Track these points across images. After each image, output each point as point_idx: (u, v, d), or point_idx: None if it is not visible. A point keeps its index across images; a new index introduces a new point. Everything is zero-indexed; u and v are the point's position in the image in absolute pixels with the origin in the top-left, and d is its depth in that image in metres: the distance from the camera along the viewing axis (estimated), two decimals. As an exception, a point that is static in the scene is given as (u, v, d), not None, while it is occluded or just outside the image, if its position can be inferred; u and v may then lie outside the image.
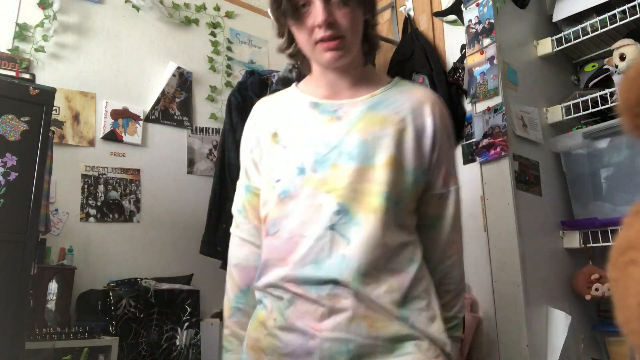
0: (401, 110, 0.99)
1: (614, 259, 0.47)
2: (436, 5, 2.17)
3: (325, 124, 0.98)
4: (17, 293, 1.40)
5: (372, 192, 0.91)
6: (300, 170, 0.95)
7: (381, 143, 0.94)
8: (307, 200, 0.93)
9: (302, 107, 1.03)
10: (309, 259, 0.89)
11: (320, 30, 0.93)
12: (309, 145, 0.97)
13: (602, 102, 1.64)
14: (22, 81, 1.57)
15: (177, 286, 2.25)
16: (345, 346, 0.86)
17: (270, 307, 0.94)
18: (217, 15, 2.94)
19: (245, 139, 1.10)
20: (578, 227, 1.67)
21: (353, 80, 1.03)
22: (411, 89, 1.05)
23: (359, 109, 0.99)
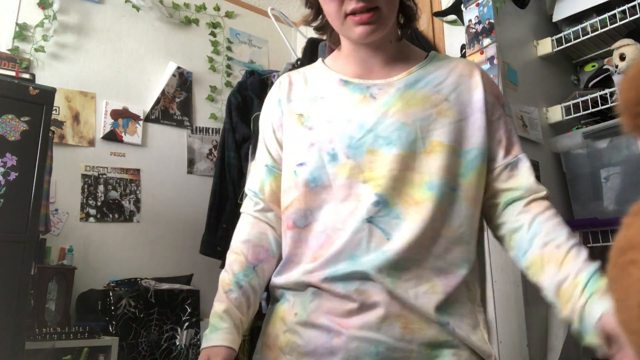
0: (443, 87, 0.89)
1: (614, 259, 0.47)
2: (436, 5, 2.17)
3: (358, 104, 0.87)
4: (17, 293, 1.40)
5: (414, 183, 0.82)
6: (332, 156, 0.84)
7: (423, 126, 0.84)
8: (343, 190, 0.83)
9: (330, 85, 0.92)
10: (344, 255, 0.80)
11: (352, 1, 0.82)
12: (340, 127, 0.86)
13: (602, 102, 1.64)
14: (22, 81, 1.57)
15: (177, 286, 2.25)
16: (375, 347, 0.76)
17: (293, 300, 0.85)
18: (217, 15, 2.94)
19: (268, 115, 0.98)
20: (578, 227, 1.67)
21: (387, 57, 0.92)
22: (450, 61, 0.94)
23: (395, 88, 0.88)
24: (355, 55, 0.92)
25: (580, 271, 0.76)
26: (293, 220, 0.87)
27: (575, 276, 0.76)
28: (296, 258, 0.86)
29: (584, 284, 0.74)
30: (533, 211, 0.85)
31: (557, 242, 0.81)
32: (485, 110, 0.88)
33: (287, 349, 0.82)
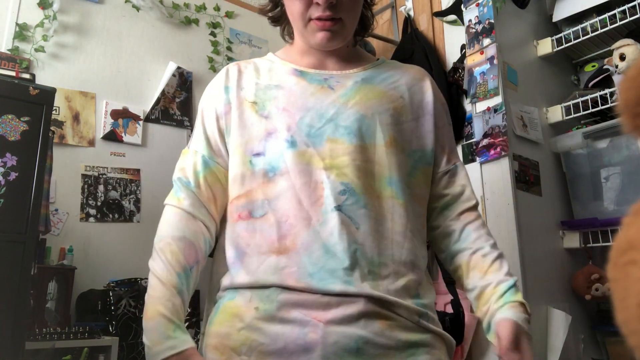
0: (398, 86, 0.91)
1: (613, 259, 0.47)
2: (436, 5, 2.17)
3: (316, 93, 0.87)
4: (17, 293, 1.39)
5: (375, 175, 0.83)
6: (290, 143, 0.82)
7: (382, 119, 0.85)
8: (301, 176, 0.80)
9: (284, 74, 0.91)
10: (317, 246, 0.77)
11: (319, 8, 0.83)
12: (298, 115, 0.84)
13: (602, 102, 1.64)
14: (22, 81, 1.57)
15: (177, 286, 2.25)
16: (355, 343, 0.73)
17: (251, 295, 0.78)
18: (217, 15, 2.94)
19: (212, 102, 0.95)
20: (578, 227, 1.67)
21: (341, 58, 0.94)
22: (402, 66, 0.98)
23: (353, 80, 0.89)
24: (311, 52, 0.93)
25: (501, 283, 0.84)
26: (249, 210, 0.83)
27: (495, 285, 0.84)
28: (248, 249, 0.82)
29: (500, 294, 0.83)
30: (464, 220, 0.91)
31: (484, 252, 0.87)
32: (434, 114, 0.92)
33: (243, 349, 0.75)
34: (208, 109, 0.96)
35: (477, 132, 1.75)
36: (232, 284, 0.82)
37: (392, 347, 0.75)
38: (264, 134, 0.85)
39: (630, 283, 0.43)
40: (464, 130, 1.92)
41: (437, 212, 0.93)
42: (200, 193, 0.89)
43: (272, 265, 0.78)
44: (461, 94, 1.95)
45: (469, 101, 1.81)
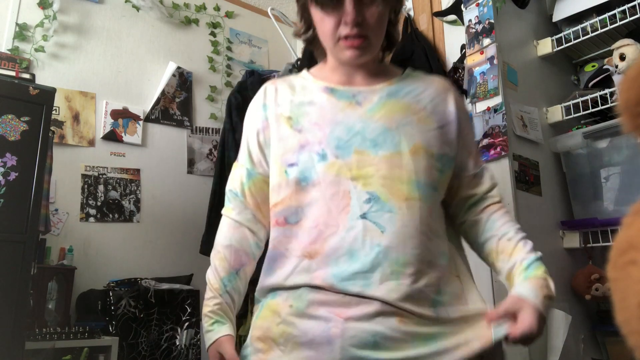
0: (421, 98, 0.99)
1: (614, 259, 0.47)
2: (436, 5, 2.17)
3: (345, 109, 0.96)
4: (17, 293, 1.39)
5: (402, 179, 0.89)
6: (321, 156, 0.91)
7: (406, 131, 0.93)
8: (331, 187, 0.89)
9: (316, 92, 1.00)
10: (342, 251, 0.85)
11: (347, 27, 0.91)
12: (329, 129, 0.93)
13: (602, 102, 1.64)
14: (22, 81, 1.57)
15: (177, 286, 2.25)
16: (372, 337, 0.81)
17: (287, 294, 0.90)
18: (217, 15, 2.94)
19: (252, 119, 1.04)
20: (578, 227, 1.67)
21: (369, 73, 1.01)
22: (426, 77, 1.05)
23: (378, 96, 0.97)
24: (341, 68, 1.01)
25: (524, 259, 0.92)
26: (284, 217, 0.93)
27: (520, 263, 0.92)
28: (287, 252, 0.92)
29: (524, 268, 0.91)
30: (489, 211, 1.01)
31: (509, 236, 0.96)
32: (458, 123, 1.00)
33: (281, 340, 0.87)
34: (250, 126, 1.05)
35: (477, 132, 1.75)
36: (271, 285, 0.93)
37: (408, 340, 0.82)
38: (298, 147, 0.94)
39: (630, 283, 0.43)
40: (464, 130, 1.92)
41: (466, 209, 1.02)
42: (246, 202, 1.03)
43: (304, 267, 0.89)
44: (461, 94, 1.95)
45: (469, 101, 1.81)
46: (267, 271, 0.95)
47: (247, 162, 1.03)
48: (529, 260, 0.91)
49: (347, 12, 0.90)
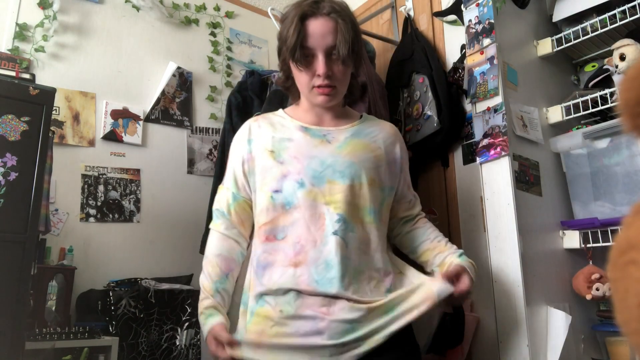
0: (377, 139, 1.26)
1: (614, 259, 0.47)
2: (436, 5, 2.17)
3: (318, 145, 1.19)
4: (17, 293, 1.39)
5: (360, 207, 1.15)
6: (300, 184, 1.13)
7: (365, 165, 1.18)
8: (309, 210, 1.12)
9: (293, 130, 1.23)
10: (321, 261, 1.09)
11: (319, 79, 1.16)
12: (306, 162, 1.15)
13: (602, 102, 1.64)
14: (22, 81, 1.57)
15: (177, 286, 2.25)
16: (350, 324, 1.06)
17: (274, 302, 1.10)
18: (217, 15, 2.94)
19: (239, 151, 1.25)
20: (578, 227, 1.67)
21: (335, 114, 1.27)
22: (379, 123, 1.34)
23: (344, 136, 1.23)
24: (313, 110, 1.27)
25: (455, 252, 1.27)
26: (273, 234, 1.15)
27: (453, 254, 1.26)
28: (275, 263, 1.13)
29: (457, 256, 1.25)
30: (420, 223, 1.36)
31: (439, 239, 1.32)
32: (401, 161, 1.31)
33: (276, 337, 1.08)
34: (235, 156, 1.27)
35: (477, 132, 1.75)
36: (261, 290, 1.12)
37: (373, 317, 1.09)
38: (281, 176, 1.16)
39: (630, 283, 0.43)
40: (464, 130, 1.92)
41: (401, 224, 1.35)
42: (232, 219, 1.26)
43: (290, 274, 1.10)
44: (461, 94, 1.95)
45: (469, 101, 1.81)
46: (257, 277, 1.14)
47: (233, 186, 1.25)
48: (459, 253, 1.26)
49: (319, 67, 1.15)
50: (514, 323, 1.54)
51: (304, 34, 1.15)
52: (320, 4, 1.17)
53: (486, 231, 1.69)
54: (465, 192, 1.87)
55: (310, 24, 1.16)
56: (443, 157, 2.00)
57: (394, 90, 2.14)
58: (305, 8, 1.17)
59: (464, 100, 1.93)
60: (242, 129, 1.29)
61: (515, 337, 1.54)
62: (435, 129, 1.90)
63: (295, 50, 1.14)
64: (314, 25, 1.16)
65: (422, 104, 2.00)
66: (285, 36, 1.17)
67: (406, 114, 2.09)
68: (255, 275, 1.16)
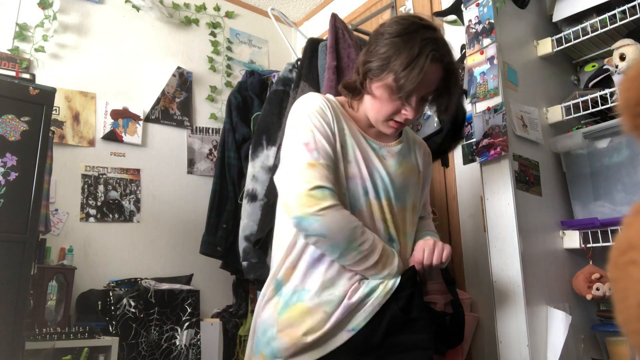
0: (417, 161, 1.25)
1: (614, 259, 0.47)
2: (436, 5, 2.17)
3: (376, 158, 1.15)
4: (17, 293, 1.39)
5: (403, 231, 1.16)
6: (365, 192, 1.11)
7: (410, 190, 1.19)
8: (370, 219, 1.10)
9: (355, 133, 1.16)
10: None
11: (402, 117, 1.11)
12: (368, 172, 1.12)
13: (602, 102, 1.64)
14: (22, 81, 1.57)
15: (177, 286, 2.25)
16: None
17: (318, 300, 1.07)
18: (217, 15, 2.94)
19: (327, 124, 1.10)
20: (578, 227, 1.67)
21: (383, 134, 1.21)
22: (415, 140, 1.30)
23: (394, 153, 1.19)
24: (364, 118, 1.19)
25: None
26: None
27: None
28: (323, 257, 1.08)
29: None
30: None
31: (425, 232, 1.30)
32: (427, 180, 1.31)
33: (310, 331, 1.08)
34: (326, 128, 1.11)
35: (477, 132, 1.75)
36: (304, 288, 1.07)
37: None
38: (348, 175, 1.10)
39: (630, 283, 0.43)
40: (464, 130, 1.92)
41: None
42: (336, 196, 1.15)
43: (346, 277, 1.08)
44: (461, 94, 1.95)
45: (469, 101, 1.81)
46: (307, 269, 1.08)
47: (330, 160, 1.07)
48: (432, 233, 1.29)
49: (409, 111, 1.09)
50: (514, 323, 1.54)
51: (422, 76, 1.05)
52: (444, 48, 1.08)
53: (486, 231, 1.69)
54: (465, 192, 1.87)
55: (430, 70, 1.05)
56: (443, 157, 2.00)
57: (394, 90, 2.14)
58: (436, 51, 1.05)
59: (464, 100, 1.93)
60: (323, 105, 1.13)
61: (515, 337, 1.54)
62: (435, 129, 1.90)
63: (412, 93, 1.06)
64: (431, 70, 1.05)
65: (422, 104, 2.00)
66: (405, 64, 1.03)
67: (406, 114, 2.09)
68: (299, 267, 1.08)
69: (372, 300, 1.06)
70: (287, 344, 1.03)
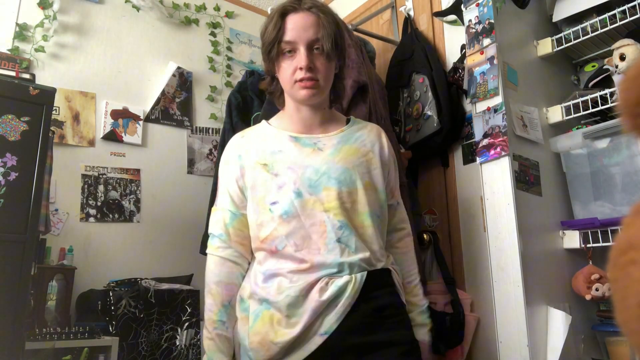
0: (366, 143, 1.25)
1: (614, 259, 0.47)
2: (436, 5, 2.17)
3: (310, 154, 1.17)
4: (17, 293, 1.39)
5: (358, 211, 1.15)
6: (297, 193, 1.12)
7: (359, 170, 1.18)
8: (309, 218, 1.11)
9: (283, 141, 1.20)
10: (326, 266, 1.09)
11: (301, 72, 1.13)
12: (300, 172, 1.14)
13: (602, 102, 1.64)
14: (22, 81, 1.57)
15: (177, 286, 2.25)
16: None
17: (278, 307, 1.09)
18: (217, 15, 2.94)
19: (229, 170, 1.22)
20: (578, 227, 1.67)
21: (322, 119, 1.24)
22: (365, 125, 1.31)
23: (334, 142, 1.21)
24: (298, 114, 1.23)
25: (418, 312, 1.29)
26: (275, 246, 1.13)
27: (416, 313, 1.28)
28: (280, 272, 1.11)
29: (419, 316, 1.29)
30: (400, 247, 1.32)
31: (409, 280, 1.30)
32: (389, 163, 1.28)
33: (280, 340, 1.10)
34: (227, 174, 1.24)
35: (477, 132, 1.75)
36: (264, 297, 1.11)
37: None
38: (276, 188, 1.14)
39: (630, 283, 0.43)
40: (464, 130, 1.92)
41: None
42: (230, 241, 1.20)
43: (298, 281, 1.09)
44: (461, 94, 1.95)
45: (469, 101, 1.81)
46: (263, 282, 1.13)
47: (231, 205, 1.21)
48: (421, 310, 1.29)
49: (301, 60, 1.13)
50: (514, 323, 1.54)
51: (284, 29, 1.14)
52: (301, 0, 1.17)
53: (486, 231, 1.69)
54: (465, 192, 1.87)
55: (291, 19, 1.15)
56: (443, 157, 2.00)
57: (394, 90, 2.14)
58: (286, 5, 1.17)
59: (464, 100, 1.93)
60: (229, 146, 1.27)
61: (515, 337, 1.54)
62: (435, 129, 1.90)
63: (274, 45, 1.15)
64: (294, 19, 1.15)
65: (422, 104, 2.00)
66: (266, 33, 1.18)
67: (406, 114, 2.09)
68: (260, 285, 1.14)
69: (343, 300, 1.07)
70: (260, 351, 1.08)
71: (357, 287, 1.08)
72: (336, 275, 1.08)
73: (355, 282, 1.08)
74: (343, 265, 1.09)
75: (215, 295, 1.17)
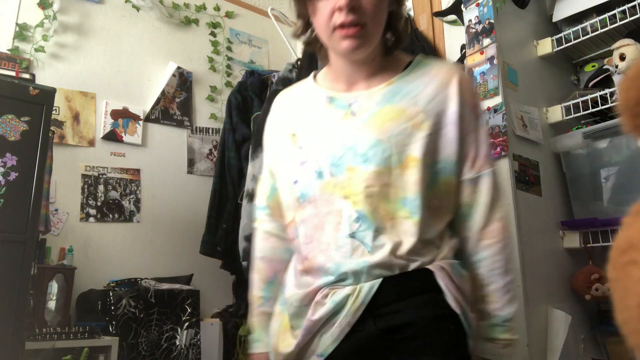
0: (420, 98, 0.90)
1: (614, 259, 0.47)
2: (436, 5, 2.17)
3: (341, 120, 0.92)
4: (17, 293, 1.39)
5: (389, 198, 0.86)
6: (318, 174, 0.90)
7: (397, 142, 0.87)
8: (325, 205, 0.89)
9: (319, 102, 0.97)
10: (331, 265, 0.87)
11: (341, 14, 0.84)
12: (325, 146, 0.91)
13: (602, 102, 1.64)
14: (22, 81, 1.57)
15: (177, 286, 2.25)
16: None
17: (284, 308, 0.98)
18: (217, 15, 2.94)
19: (267, 137, 1.08)
20: (578, 227, 1.67)
21: (370, 72, 0.94)
22: (432, 68, 0.94)
23: (374, 102, 0.91)
24: (343, 70, 0.96)
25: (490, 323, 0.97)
26: (292, 234, 0.97)
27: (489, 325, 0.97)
28: (294, 268, 0.98)
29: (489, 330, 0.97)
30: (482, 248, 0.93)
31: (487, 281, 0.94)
32: (459, 123, 0.90)
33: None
34: (267, 142, 1.08)
35: (477, 132, 1.75)
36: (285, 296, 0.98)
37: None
38: (299, 164, 0.94)
39: (630, 283, 0.43)
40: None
41: (458, 219, 0.95)
42: (272, 213, 1.05)
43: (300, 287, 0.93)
44: (461, 94, 1.95)
45: (469, 101, 1.81)
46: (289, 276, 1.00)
47: (269, 177, 1.06)
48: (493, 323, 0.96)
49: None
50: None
51: None
52: None
53: (486, 231, 1.69)
54: (465, 192, 1.86)
55: None
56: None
57: (394, 90, 2.14)
58: None
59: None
60: (273, 107, 1.08)
61: (515, 337, 1.54)
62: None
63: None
64: None
65: (422, 104, 2.00)
66: None
67: (406, 114, 2.09)
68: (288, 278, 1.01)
69: (340, 319, 0.84)
70: (273, 355, 0.98)
71: (360, 301, 0.84)
72: (337, 285, 0.86)
73: (358, 296, 0.84)
74: (346, 274, 0.85)
75: (259, 270, 1.05)
